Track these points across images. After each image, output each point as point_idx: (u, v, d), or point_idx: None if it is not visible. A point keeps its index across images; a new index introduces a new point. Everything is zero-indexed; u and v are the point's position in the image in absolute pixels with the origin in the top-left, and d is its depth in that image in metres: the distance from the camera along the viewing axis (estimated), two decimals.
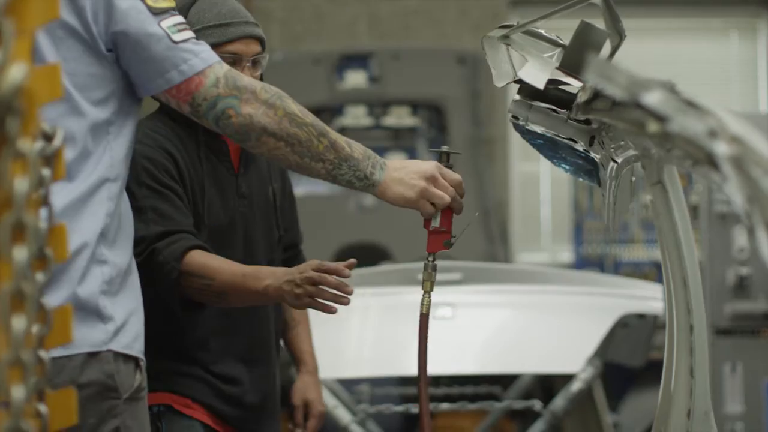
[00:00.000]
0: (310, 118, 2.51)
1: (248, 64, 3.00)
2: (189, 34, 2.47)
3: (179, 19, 2.47)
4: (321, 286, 2.71)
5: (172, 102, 2.48)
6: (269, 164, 3.17)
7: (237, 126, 2.47)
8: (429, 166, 2.61)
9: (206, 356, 3.03)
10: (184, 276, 2.86)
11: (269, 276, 2.80)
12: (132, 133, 2.50)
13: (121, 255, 2.44)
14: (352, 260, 2.74)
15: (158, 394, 2.96)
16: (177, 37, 2.44)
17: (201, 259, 2.87)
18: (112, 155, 2.42)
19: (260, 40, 3.04)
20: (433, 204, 2.61)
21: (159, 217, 2.90)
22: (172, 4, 2.48)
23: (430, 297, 2.70)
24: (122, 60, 2.43)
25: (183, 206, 2.95)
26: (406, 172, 2.60)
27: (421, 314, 2.70)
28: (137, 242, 2.74)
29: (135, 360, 2.43)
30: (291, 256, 3.28)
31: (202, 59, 2.46)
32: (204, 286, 2.85)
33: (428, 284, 2.69)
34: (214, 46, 2.80)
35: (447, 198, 2.61)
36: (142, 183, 2.92)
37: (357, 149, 2.56)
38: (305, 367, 3.39)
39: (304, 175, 2.57)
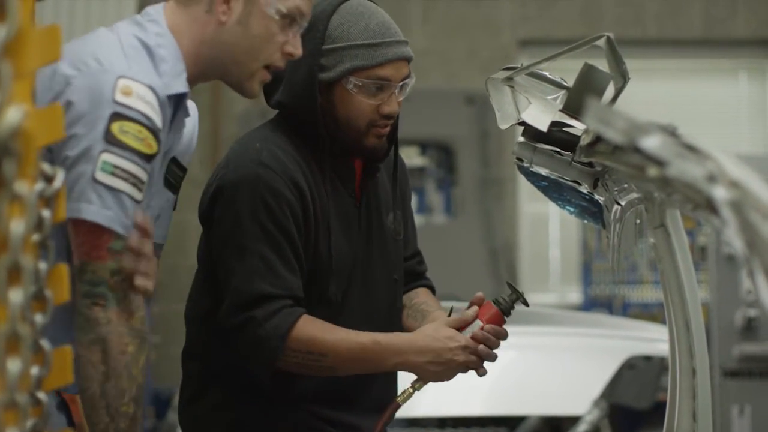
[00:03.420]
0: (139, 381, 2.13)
1: (396, 91, 2.61)
2: (127, 187, 2.10)
3: (135, 169, 2.11)
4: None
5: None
6: (393, 186, 2.79)
7: (88, 318, 2.12)
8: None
9: (323, 408, 2.65)
10: (287, 350, 2.51)
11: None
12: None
13: None
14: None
15: None
16: (105, 177, 2.10)
17: (310, 331, 2.52)
18: None
19: (409, 61, 2.64)
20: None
21: (265, 269, 2.50)
22: (147, 150, 2.13)
23: (414, 392, 2.64)
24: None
25: (293, 258, 2.53)
26: None
27: (395, 401, 2.64)
28: (232, 293, 2.49)
29: None
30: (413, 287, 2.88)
31: (104, 216, 2.09)
32: (312, 361, 2.52)
33: (419, 385, 2.65)
34: (361, 70, 2.56)
35: None
36: (256, 219, 2.51)
37: None
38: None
39: None
